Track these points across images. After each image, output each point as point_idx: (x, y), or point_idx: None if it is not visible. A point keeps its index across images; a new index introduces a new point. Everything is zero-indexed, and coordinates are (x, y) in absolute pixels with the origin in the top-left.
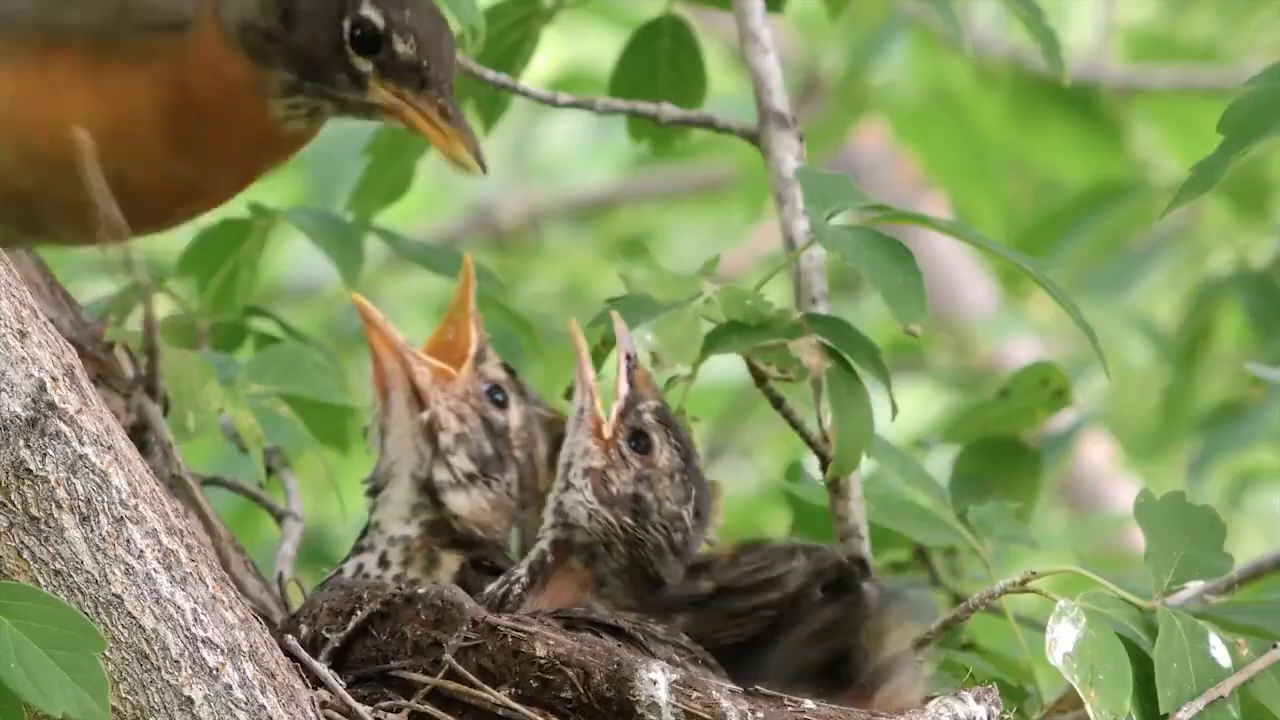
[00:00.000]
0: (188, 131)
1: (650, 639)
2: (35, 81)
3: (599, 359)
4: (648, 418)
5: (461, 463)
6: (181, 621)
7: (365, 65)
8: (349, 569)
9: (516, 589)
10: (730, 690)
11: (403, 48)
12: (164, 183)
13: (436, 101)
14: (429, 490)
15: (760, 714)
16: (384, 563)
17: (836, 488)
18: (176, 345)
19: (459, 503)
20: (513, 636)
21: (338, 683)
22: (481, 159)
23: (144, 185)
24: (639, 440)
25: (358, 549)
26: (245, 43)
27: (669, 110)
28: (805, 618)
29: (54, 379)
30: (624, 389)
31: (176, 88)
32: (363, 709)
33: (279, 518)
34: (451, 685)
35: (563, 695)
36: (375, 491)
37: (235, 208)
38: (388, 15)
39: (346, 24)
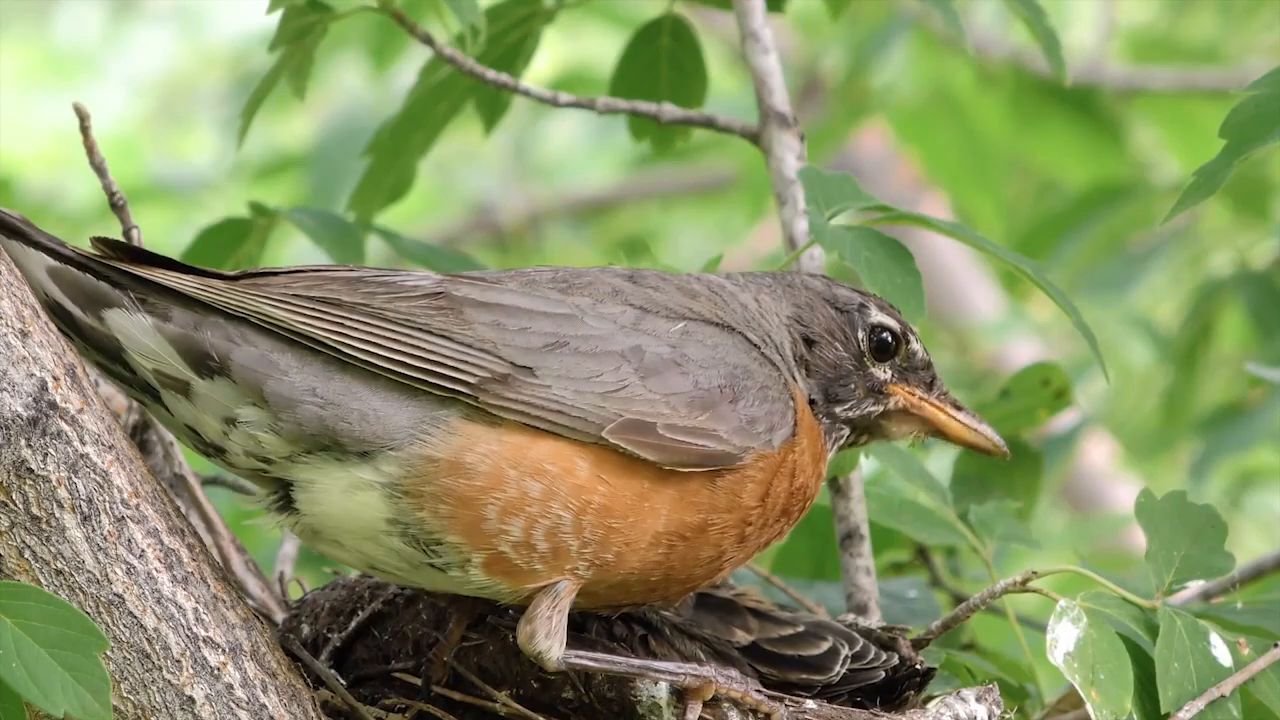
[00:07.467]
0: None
1: (676, 633)
2: None
3: None
4: None
5: None
6: (183, 621)
7: (884, 372)
8: None
9: None
10: None
11: (917, 346)
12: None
13: (949, 397)
14: None
15: (761, 715)
16: None
17: (837, 487)
18: None
19: None
20: (514, 637)
21: (339, 682)
22: (1002, 444)
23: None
24: None
25: None
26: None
27: (670, 110)
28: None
29: (55, 378)
30: None
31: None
32: (365, 708)
33: None
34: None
35: (564, 696)
36: None
37: (237, 206)
38: (896, 317)
39: (862, 334)
